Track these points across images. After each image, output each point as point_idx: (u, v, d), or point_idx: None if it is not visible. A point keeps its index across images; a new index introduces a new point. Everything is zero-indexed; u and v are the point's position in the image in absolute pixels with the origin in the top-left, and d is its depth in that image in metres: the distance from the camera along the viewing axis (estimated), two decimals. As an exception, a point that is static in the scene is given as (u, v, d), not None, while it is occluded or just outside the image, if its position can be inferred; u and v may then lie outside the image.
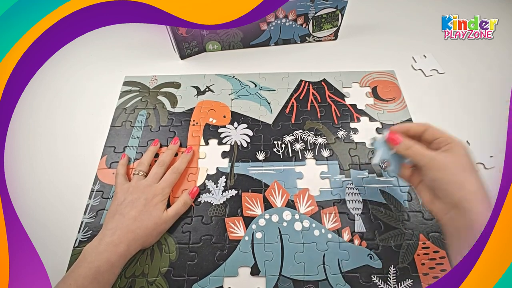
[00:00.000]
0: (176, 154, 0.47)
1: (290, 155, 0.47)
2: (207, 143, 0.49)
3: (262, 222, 0.41)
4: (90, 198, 0.43)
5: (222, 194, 0.43)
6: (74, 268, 0.34)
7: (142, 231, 0.37)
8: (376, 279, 0.37)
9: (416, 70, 0.58)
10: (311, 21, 0.58)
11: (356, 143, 0.48)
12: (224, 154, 0.47)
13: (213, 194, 0.44)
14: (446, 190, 0.32)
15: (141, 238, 0.37)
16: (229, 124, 0.51)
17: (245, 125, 0.50)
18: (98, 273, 0.33)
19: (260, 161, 0.46)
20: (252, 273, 0.37)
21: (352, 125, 0.50)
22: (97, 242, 0.35)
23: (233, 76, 0.57)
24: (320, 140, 0.49)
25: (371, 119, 0.51)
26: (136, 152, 0.48)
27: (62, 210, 0.43)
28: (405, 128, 0.37)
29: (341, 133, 0.49)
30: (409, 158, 0.35)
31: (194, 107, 0.53)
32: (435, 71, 0.58)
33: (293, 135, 0.49)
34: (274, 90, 0.55)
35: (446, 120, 0.51)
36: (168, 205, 0.41)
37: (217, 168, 0.46)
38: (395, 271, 0.37)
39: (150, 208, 0.39)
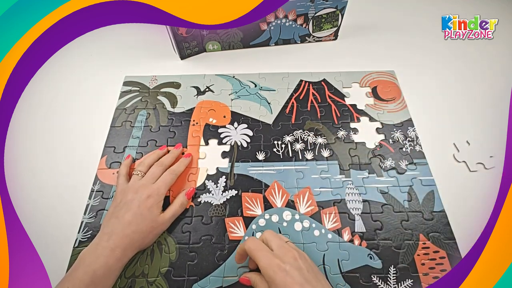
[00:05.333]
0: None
1: (290, 155, 0.47)
2: (207, 143, 0.49)
3: (262, 222, 0.41)
4: (90, 198, 0.43)
5: (222, 194, 0.43)
6: (71, 271, 0.33)
7: (137, 235, 0.37)
8: (376, 279, 0.37)
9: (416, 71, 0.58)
10: (311, 21, 0.58)
11: (356, 143, 0.48)
12: (224, 154, 0.47)
13: (213, 194, 0.44)
14: None
15: (137, 241, 0.37)
16: (229, 124, 0.51)
17: (245, 125, 0.50)
18: (95, 276, 0.33)
19: (260, 161, 0.46)
20: (252, 273, 0.37)
21: (352, 125, 0.50)
22: (94, 247, 0.35)
23: (233, 76, 0.57)
24: (320, 140, 0.49)
25: (371, 119, 0.51)
26: (136, 152, 0.48)
27: (62, 210, 0.43)
28: (239, 255, 0.36)
29: (341, 133, 0.49)
30: None
31: (194, 107, 0.53)
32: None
33: (293, 135, 0.49)
34: (274, 90, 0.55)
35: (446, 120, 0.51)
36: (169, 205, 0.41)
37: (217, 168, 0.46)
38: (395, 271, 0.37)
39: (145, 211, 0.38)
